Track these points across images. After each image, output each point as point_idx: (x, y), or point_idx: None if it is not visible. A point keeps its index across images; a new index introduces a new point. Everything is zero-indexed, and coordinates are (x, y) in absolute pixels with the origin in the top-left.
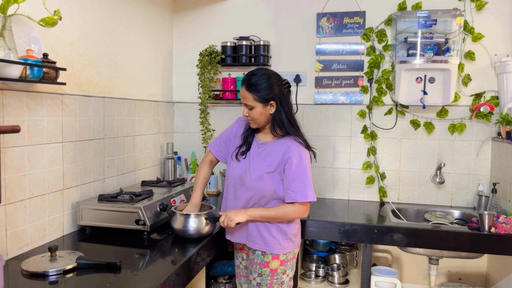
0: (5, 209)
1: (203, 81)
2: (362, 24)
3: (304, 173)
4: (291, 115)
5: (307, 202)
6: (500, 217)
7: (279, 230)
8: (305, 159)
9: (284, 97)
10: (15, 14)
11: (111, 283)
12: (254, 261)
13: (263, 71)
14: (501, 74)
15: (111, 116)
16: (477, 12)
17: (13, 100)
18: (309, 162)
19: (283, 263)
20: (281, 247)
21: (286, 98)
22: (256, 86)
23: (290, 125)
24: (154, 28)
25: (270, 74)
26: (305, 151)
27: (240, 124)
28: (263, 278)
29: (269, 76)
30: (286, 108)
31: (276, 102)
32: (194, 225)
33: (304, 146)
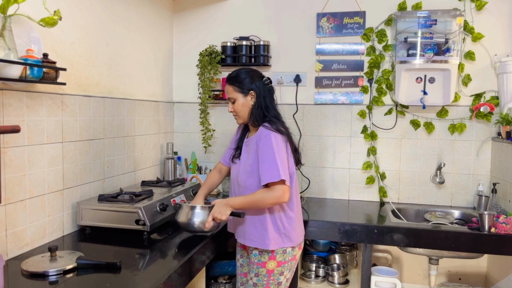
0: (5, 209)
1: (203, 81)
2: (362, 24)
3: (270, 153)
4: (271, 109)
5: (279, 183)
6: (500, 217)
7: (274, 224)
8: (270, 140)
9: (264, 90)
10: (15, 14)
11: (111, 283)
12: (252, 260)
13: (245, 68)
14: (501, 74)
15: (111, 116)
16: (477, 12)
17: (13, 100)
18: (276, 143)
19: (280, 264)
20: (275, 242)
21: (267, 92)
22: (236, 78)
23: (268, 116)
24: (154, 28)
25: (251, 70)
26: (272, 133)
27: (238, 130)
28: (259, 278)
29: (249, 70)
30: (267, 100)
31: (256, 92)
32: (199, 218)
33: (272, 129)
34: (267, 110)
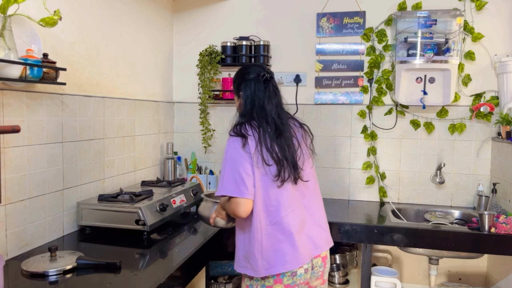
0: (5, 209)
1: (203, 81)
2: (362, 24)
3: (224, 163)
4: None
5: (230, 197)
6: (500, 217)
7: (241, 242)
8: (227, 147)
9: (250, 87)
10: (15, 14)
11: (111, 283)
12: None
13: (242, 66)
14: (501, 74)
15: (111, 116)
16: (477, 12)
17: (13, 100)
18: (231, 151)
19: None
20: (240, 264)
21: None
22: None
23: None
24: (154, 28)
25: (242, 68)
26: (229, 138)
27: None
28: None
29: (239, 70)
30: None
31: (242, 93)
32: (206, 212)
33: (231, 132)
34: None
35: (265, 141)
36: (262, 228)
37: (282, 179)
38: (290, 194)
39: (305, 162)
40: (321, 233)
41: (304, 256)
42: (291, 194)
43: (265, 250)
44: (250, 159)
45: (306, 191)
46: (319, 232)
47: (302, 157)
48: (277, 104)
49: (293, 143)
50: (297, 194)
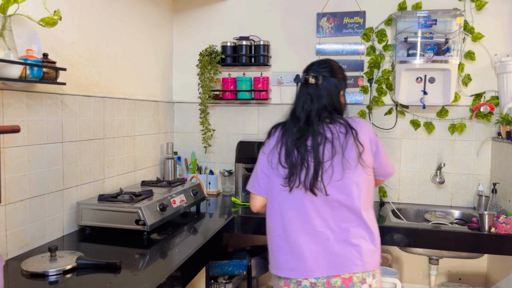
0: (5, 209)
1: (203, 81)
2: (362, 24)
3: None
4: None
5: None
6: (500, 217)
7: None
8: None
9: (297, 88)
10: (15, 14)
11: (111, 283)
12: None
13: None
14: (501, 74)
15: (111, 116)
16: (477, 12)
17: (13, 100)
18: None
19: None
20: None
21: (297, 89)
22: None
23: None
24: (154, 28)
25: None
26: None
27: None
28: None
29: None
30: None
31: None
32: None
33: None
34: (289, 110)
35: (286, 143)
36: (273, 228)
37: (291, 186)
38: (304, 203)
39: (337, 173)
40: (349, 253)
41: (312, 269)
42: (306, 203)
43: (273, 251)
44: (266, 159)
45: (336, 204)
46: (346, 251)
47: (331, 168)
48: (311, 109)
49: (322, 151)
50: (318, 204)
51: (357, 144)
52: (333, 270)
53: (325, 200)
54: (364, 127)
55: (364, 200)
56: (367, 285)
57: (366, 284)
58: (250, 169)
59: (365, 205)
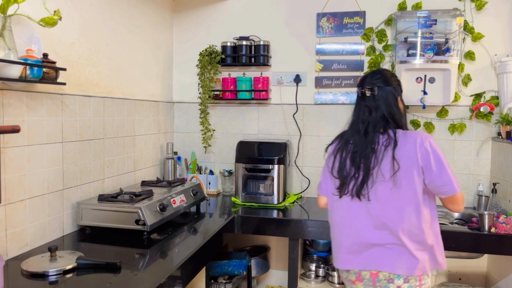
0: (5, 209)
1: (203, 81)
2: (362, 24)
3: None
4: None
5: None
6: (500, 217)
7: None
8: None
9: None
10: (15, 14)
11: (111, 283)
12: None
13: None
14: (501, 74)
15: (111, 116)
16: (477, 12)
17: (13, 100)
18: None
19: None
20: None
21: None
22: None
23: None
24: (154, 28)
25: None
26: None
27: None
28: None
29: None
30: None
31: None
32: None
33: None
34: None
35: (341, 153)
36: (331, 224)
37: (342, 193)
38: (350, 207)
39: (378, 182)
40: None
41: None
42: (352, 207)
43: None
44: (326, 164)
45: (373, 212)
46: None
47: (372, 177)
48: (369, 121)
49: (370, 161)
50: (362, 210)
51: (393, 159)
52: (366, 266)
53: (366, 207)
54: (412, 142)
55: (395, 214)
56: (394, 285)
57: (393, 284)
58: (250, 169)
59: (397, 218)
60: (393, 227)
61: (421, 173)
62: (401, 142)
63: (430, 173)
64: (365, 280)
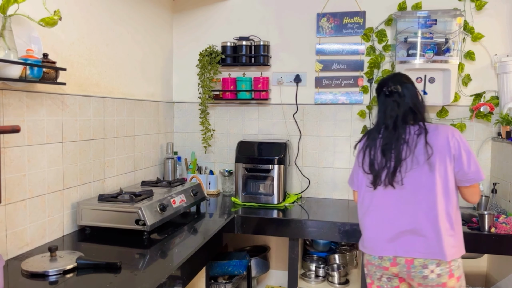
0: (5, 209)
1: (203, 81)
2: (362, 24)
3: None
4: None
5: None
6: (500, 217)
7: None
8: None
9: (377, 100)
10: (15, 14)
11: (111, 283)
12: None
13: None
14: (501, 74)
15: (111, 116)
16: (477, 12)
17: (13, 100)
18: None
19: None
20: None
21: (377, 100)
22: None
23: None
24: (154, 28)
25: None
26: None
27: None
28: None
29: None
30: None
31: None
32: None
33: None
34: (375, 118)
35: (370, 149)
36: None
37: (375, 184)
38: (384, 196)
39: (413, 169)
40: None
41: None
42: (384, 196)
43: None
44: (356, 160)
45: (407, 197)
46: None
47: (406, 164)
48: (397, 115)
49: (403, 151)
50: (396, 196)
51: (426, 145)
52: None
53: (400, 194)
54: (442, 131)
55: (429, 199)
56: (428, 270)
57: (428, 269)
58: (250, 169)
59: (430, 204)
60: (427, 213)
61: (452, 161)
62: (432, 131)
63: (460, 162)
64: (400, 265)
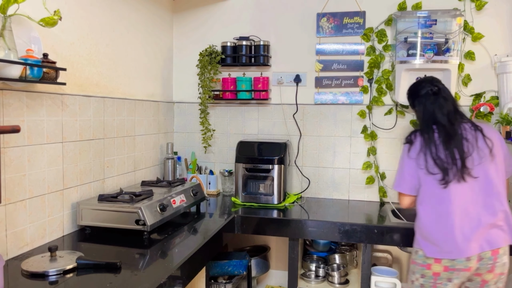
0: (5, 209)
1: (203, 81)
2: (362, 24)
3: (398, 166)
4: (424, 117)
5: (398, 192)
6: None
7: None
8: (400, 154)
9: (418, 101)
10: (15, 14)
11: (111, 283)
12: None
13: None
14: (501, 74)
15: (111, 116)
16: (477, 12)
17: (13, 100)
18: (401, 155)
19: (412, 262)
20: (414, 239)
21: (424, 102)
22: (407, 97)
23: (419, 125)
24: (154, 28)
25: (414, 85)
26: (403, 146)
27: None
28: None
29: (412, 86)
30: (418, 109)
31: (417, 108)
32: None
33: (403, 141)
34: (423, 120)
35: (430, 149)
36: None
37: (447, 181)
38: (456, 192)
39: (476, 163)
40: (499, 231)
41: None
42: (456, 194)
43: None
44: (414, 163)
45: (478, 189)
46: (496, 230)
47: (472, 159)
48: (448, 112)
49: (464, 145)
50: (468, 191)
51: (485, 139)
52: (487, 247)
53: (472, 187)
54: (493, 130)
55: (496, 190)
56: (507, 256)
57: (506, 255)
58: (250, 169)
59: (498, 194)
60: (499, 202)
61: (503, 154)
62: (484, 127)
63: (509, 156)
64: (484, 259)
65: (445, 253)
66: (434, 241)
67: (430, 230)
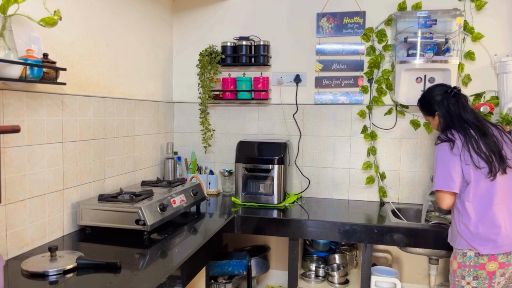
0: (5, 209)
1: (203, 81)
2: (362, 24)
3: (435, 164)
4: (454, 118)
5: (439, 191)
6: None
7: (457, 224)
8: (436, 152)
9: (448, 104)
10: (15, 14)
11: (111, 283)
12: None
13: (424, 93)
14: (501, 74)
15: (111, 116)
16: (477, 12)
17: (13, 100)
18: (440, 154)
19: (460, 266)
20: (457, 241)
21: (446, 104)
22: (419, 105)
23: (453, 126)
24: (154, 28)
25: (427, 91)
26: (438, 145)
27: None
28: (450, 275)
29: (425, 93)
30: (451, 112)
31: (440, 111)
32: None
33: (439, 140)
34: (452, 121)
35: (472, 144)
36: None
37: (494, 173)
38: (502, 185)
39: (510, 156)
40: None
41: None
42: (502, 185)
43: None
44: (459, 159)
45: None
46: None
47: (505, 152)
48: (471, 110)
49: (496, 139)
50: (510, 183)
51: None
52: None
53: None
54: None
55: None
56: None
57: None
58: (250, 169)
59: None
60: None
61: None
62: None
63: None
64: None
65: (500, 247)
66: (488, 236)
67: (483, 226)
